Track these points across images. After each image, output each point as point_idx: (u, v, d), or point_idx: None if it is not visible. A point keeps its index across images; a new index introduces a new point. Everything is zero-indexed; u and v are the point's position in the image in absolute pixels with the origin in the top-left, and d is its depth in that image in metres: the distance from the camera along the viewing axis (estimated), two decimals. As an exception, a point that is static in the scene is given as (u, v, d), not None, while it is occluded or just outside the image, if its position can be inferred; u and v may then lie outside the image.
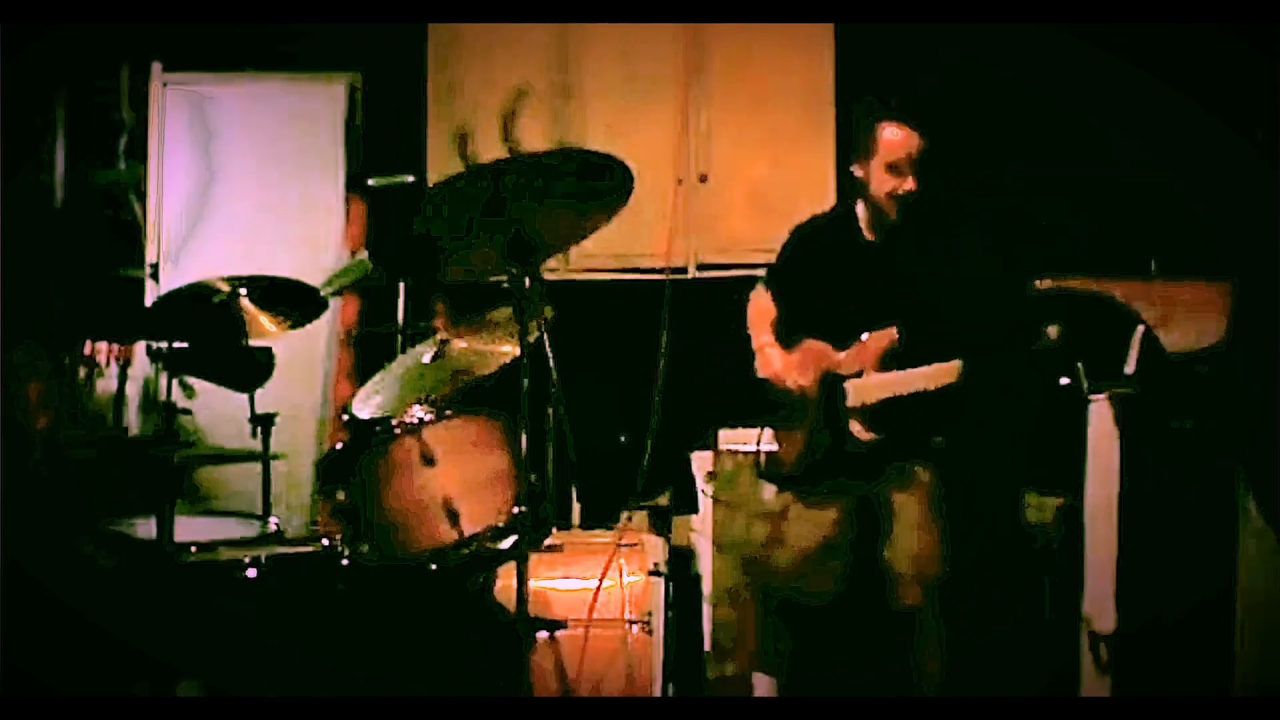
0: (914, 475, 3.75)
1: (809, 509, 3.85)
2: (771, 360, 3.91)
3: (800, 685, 3.91)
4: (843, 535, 3.80)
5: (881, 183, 3.71)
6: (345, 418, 4.13)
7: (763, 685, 4.12)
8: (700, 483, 4.51)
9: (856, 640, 3.84)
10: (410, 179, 5.11)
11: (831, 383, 3.80)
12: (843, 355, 3.79)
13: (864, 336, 3.76)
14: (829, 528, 3.81)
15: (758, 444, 4.02)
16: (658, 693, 3.80)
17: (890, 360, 3.72)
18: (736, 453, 4.44)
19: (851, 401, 3.76)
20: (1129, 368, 3.92)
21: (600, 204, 3.41)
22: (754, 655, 4.18)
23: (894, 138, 3.67)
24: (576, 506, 4.72)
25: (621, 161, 3.29)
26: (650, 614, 3.79)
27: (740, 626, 4.32)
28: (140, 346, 5.16)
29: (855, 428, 3.75)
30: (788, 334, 3.95)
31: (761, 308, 4.04)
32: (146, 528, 3.68)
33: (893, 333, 3.72)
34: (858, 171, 3.78)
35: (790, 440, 3.91)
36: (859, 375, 3.76)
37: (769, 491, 4.05)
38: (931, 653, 3.73)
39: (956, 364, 3.62)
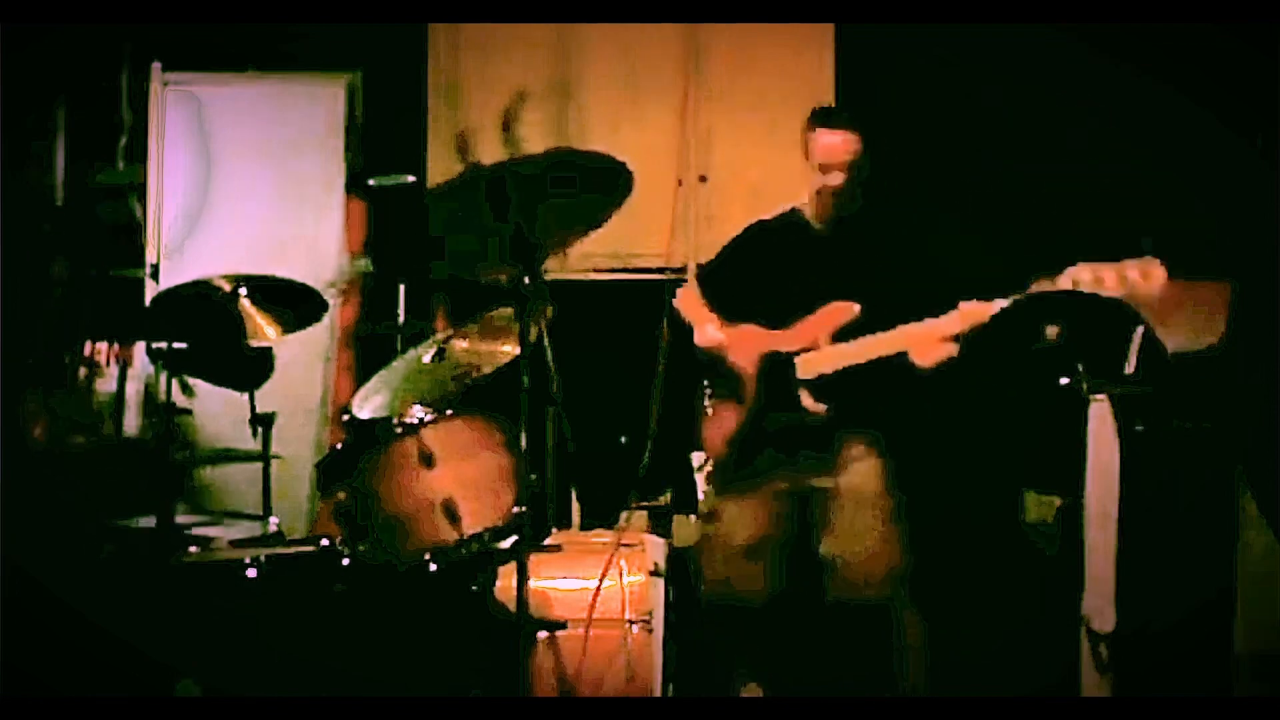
0: (861, 455, 3.81)
1: (744, 507, 3.90)
2: (710, 332, 3.96)
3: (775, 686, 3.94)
4: (782, 530, 3.85)
5: (814, 181, 3.91)
6: (345, 418, 4.13)
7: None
8: (700, 483, 4.51)
9: (819, 641, 3.88)
10: (410, 179, 5.11)
11: (776, 360, 3.82)
12: (784, 333, 3.84)
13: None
14: (764, 524, 3.86)
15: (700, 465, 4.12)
16: (658, 693, 3.79)
17: (848, 335, 3.78)
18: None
19: (803, 373, 3.80)
20: (1129, 368, 3.92)
21: (601, 201, 3.41)
22: None
23: (820, 141, 3.89)
24: (576, 507, 4.72)
25: (619, 161, 3.30)
26: (650, 614, 3.79)
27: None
28: (140, 346, 5.16)
29: (806, 400, 3.80)
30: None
31: (692, 299, 4.09)
32: (146, 528, 3.69)
33: (853, 307, 3.76)
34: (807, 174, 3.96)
35: (722, 420, 3.94)
36: (805, 351, 3.82)
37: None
38: (914, 650, 3.74)
39: (918, 328, 3.65)
